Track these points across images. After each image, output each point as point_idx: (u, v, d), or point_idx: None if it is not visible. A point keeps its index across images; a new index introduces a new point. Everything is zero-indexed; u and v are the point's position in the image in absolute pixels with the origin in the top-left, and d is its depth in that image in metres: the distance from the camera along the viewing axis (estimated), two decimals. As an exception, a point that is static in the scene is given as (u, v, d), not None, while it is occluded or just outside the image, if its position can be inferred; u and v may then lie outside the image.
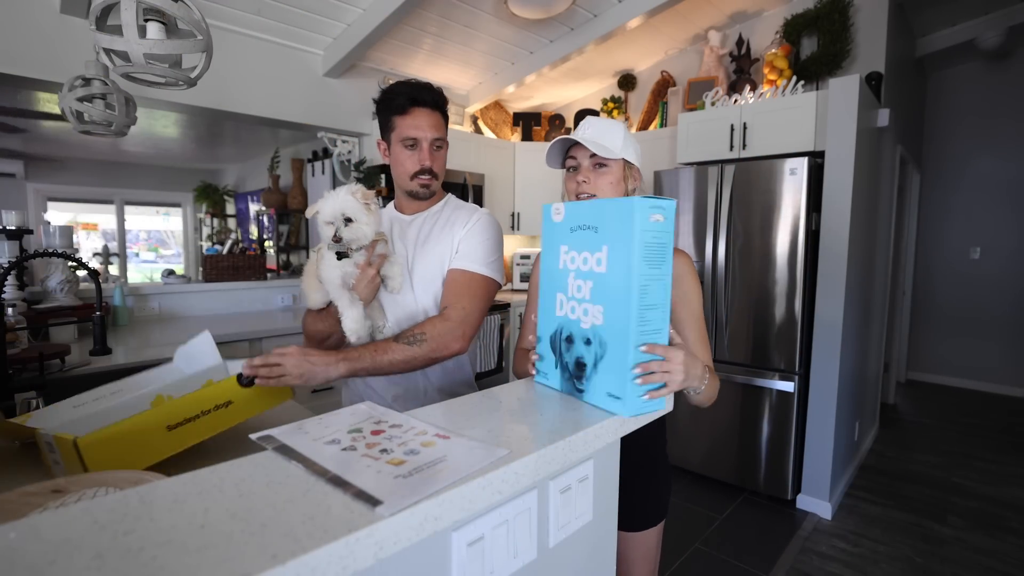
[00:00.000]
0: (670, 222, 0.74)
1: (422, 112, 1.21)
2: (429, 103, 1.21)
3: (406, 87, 1.20)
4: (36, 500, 0.63)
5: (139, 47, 1.20)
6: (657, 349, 0.74)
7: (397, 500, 0.45)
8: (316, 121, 3.13)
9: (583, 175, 1.07)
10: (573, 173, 1.10)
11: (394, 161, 1.26)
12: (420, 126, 1.20)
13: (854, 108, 2.40)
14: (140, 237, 7.40)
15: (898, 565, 2.15)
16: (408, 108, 1.20)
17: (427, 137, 1.21)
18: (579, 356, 0.79)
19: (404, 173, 1.24)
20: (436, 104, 1.23)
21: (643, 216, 0.70)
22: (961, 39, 3.85)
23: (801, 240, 2.48)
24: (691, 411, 2.91)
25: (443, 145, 1.26)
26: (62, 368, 1.67)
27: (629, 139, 1.09)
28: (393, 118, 1.22)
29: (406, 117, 1.20)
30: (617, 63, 3.88)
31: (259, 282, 3.12)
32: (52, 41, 2.26)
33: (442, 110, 1.25)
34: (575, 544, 0.72)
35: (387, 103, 1.22)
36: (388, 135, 1.25)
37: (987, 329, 4.47)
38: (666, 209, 0.73)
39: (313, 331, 1.27)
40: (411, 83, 1.21)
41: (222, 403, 0.93)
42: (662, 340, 0.76)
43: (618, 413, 0.73)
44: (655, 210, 0.71)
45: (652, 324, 0.74)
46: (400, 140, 1.21)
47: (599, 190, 1.07)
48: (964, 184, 4.55)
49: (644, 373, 0.73)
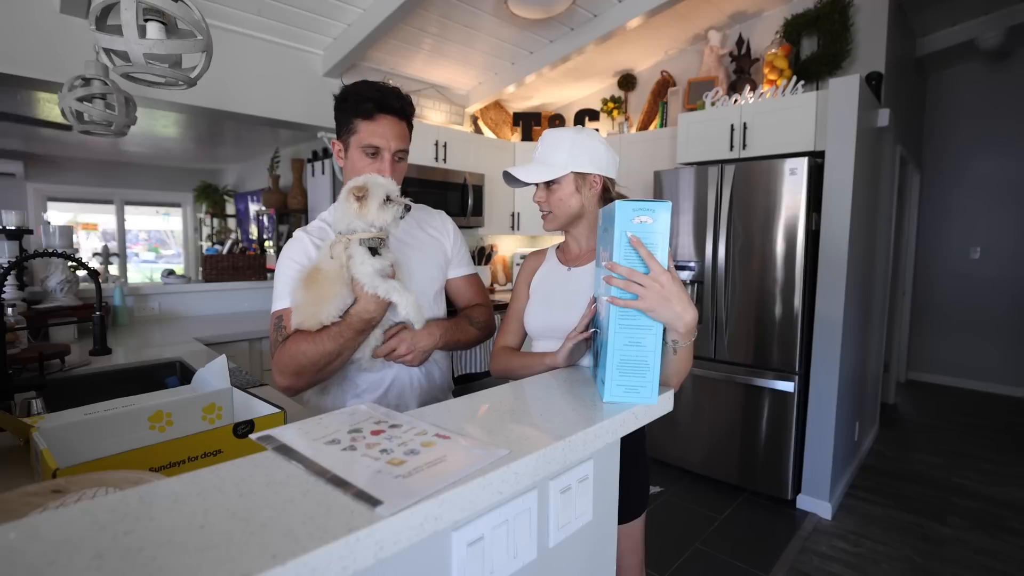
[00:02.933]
0: (661, 223, 0.77)
1: (388, 120, 1.14)
2: (397, 111, 1.15)
3: (374, 90, 1.13)
4: (36, 500, 0.63)
5: (139, 47, 1.20)
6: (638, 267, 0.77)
7: (397, 500, 0.45)
8: (316, 121, 3.13)
9: (539, 194, 1.15)
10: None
11: (350, 166, 1.17)
12: (385, 134, 1.13)
13: (854, 108, 2.40)
14: (140, 237, 7.40)
15: (898, 565, 2.15)
16: (374, 114, 1.12)
17: (391, 147, 1.14)
18: (597, 346, 0.90)
19: None
20: (404, 113, 1.16)
21: (626, 218, 0.77)
22: (961, 39, 3.85)
23: (801, 240, 2.48)
24: (691, 411, 2.91)
25: (405, 157, 1.19)
26: (62, 368, 1.66)
27: (581, 146, 1.10)
28: (356, 120, 1.14)
29: (370, 123, 1.13)
30: (617, 63, 3.88)
31: (259, 282, 3.12)
32: (52, 41, 2.26)
33: (408, 120, 1.19)
34: (575, 544, 0.72)
35: (352, 104, 1.14)
36: (347, 137, 1.16)
37: (987, 329, 4.47)
38: (655, 211, 0.76)
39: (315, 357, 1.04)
40: (379, 86, 1.15)
41: (211, 451, 0.90)
42: (647, 334, 0.79)
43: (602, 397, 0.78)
44: (640, 212, 0.77)
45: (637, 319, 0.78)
46: (360, 146, 1.14)
47: (552, 206, 1.14)
48: (964, 184, 4.55)
49: (620, 277, 0.77)
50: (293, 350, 1.05)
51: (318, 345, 1.03)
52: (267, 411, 1.01)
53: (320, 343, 1.03)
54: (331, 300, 1.03)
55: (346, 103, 1.15)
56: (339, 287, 1.03)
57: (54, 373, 1.62)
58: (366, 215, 1.01)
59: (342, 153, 1.19)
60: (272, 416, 0.98)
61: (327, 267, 1.04)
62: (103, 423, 0.95)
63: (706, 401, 2.85)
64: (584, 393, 0.83)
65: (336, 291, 1.03)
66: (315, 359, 1.04)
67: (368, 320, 1.05)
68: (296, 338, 1.05)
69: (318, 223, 1.24)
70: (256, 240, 5.74)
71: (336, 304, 1.03)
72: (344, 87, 1.17)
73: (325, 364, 1.06)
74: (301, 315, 1.06)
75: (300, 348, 1.04)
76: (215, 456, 0.90)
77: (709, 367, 2.81)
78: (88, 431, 0.94)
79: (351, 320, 1.04)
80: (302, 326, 1.05)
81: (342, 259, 1.03)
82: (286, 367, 1.07)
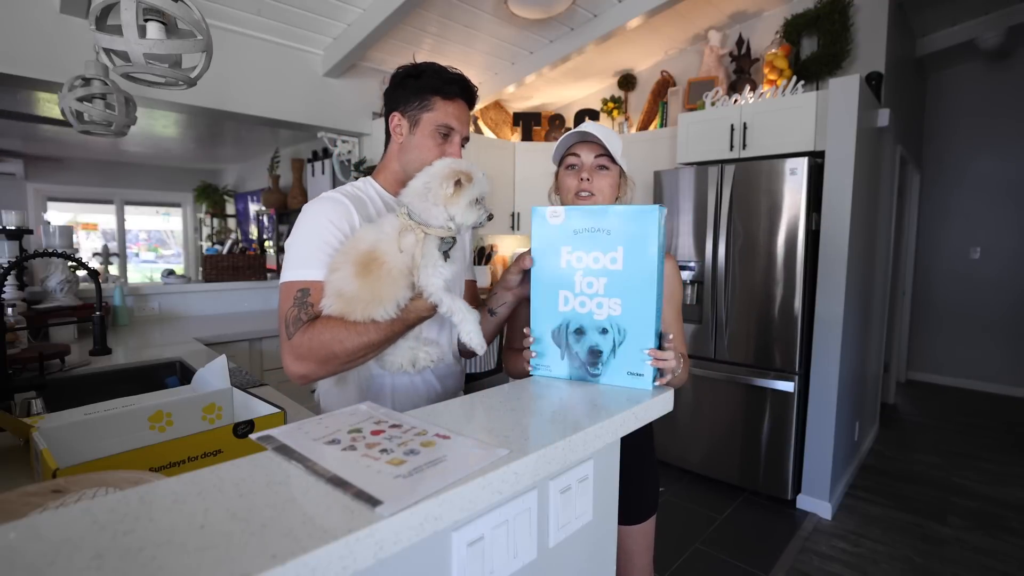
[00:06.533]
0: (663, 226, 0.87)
1: (463, 106, 1.10)
2: (469, 101, 1.12)
3: (456, 74, 1.08)
4: (36, 500, 0.63)
5: (139, 47, 1.20)
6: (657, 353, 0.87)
7: (397, 500, 0.45)
8: (316, 121, 3.13)
9: (586, 172, 1.10)
10: (574, 171, 1.12)
11: (413, 143, 1.08)
12: (461, 118, 1.09)
13: (854, 108, 2.40)
14: (140, 237, 7.40)
15: (898, 565, 2.15)
16: (456, 96, 1.08)
17: (462, 132, 1.10)
18: (593, 345, 0.87)
19: (421, 161, 1.04)
20: (472, 104, 1.14)
21: (662, 221, 0.84)
22: (961, 39, 3.85)
23: (801, 240, 2.48)
24: (691, 411, 2.91)
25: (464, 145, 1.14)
26: (62, 368, 1.66)
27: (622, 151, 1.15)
28: (434, 98, 1.06)
29: (450, 103, 1.07)
30: (617, 63, 3.88)
31: (259, 282, 3.12)
32: (52, 41, 2.26)
33: None
34: (575, 544, 0.72)
35: (430, 80, 1.06)
36: (417, 113, 1.07)
37: (987, 329, 4.47)
38: (665, 215, 0.87)
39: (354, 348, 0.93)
40: (458, 72, 1.10)
41: (211, 451, 0.90)
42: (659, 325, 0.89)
43: (640, 387, 0.85)
44: (663, 216, 0.85)
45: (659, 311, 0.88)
46: (436, 124, 1.06)
47: (600, 191, 1.10)
48: (964, 184, 4.55)
49: (655, 359, 0.86)
50: (327, 337, 0.92)
51: (361, 336, 0.92)
52: (267, 411, 1.01)
53: (364, 334, 0.92)
54: (390, 301, 0.91)
55: (423, 79, 1.07)
56: (402, 287, 0.92)
57: (54, 373, 1.62)
58: (452, 206, 0.91)
59: (401, 128, 1.09)
60: (272, 416, 0.98)
61: (393, 261, 0.90)
62: (103, 423, 0.95)
63: (706, 401, 2.85)
64: (584, 393, 0.83)
65: (398, 292, 0.92)
66: (353, 350, 0.93)
67: (422, 319, 0.98)
68: (330, 323, 0.92)
69: (351, 190, 1.09)
70: (256, 240, 5.74)
71: (394, 305, 0.92)
72: (411, 64, 1.10)
73: (361, 356, 0.95)
74: (349, 306, 0.91)
75: (337, 336, 0.91)
76: (215, 456, 0.90)
77: (709, 367, 2.81)
78: (88, 431, 0.94)
79: (407, 316, 0.94)
80: (346, 317, 0.92)
81: (415, 256, 0.90)
82: (312, 353, 0.93)
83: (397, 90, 1.09)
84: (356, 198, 1.05)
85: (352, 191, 1.08)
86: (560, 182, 1.16)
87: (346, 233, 0.99)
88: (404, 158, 1.10)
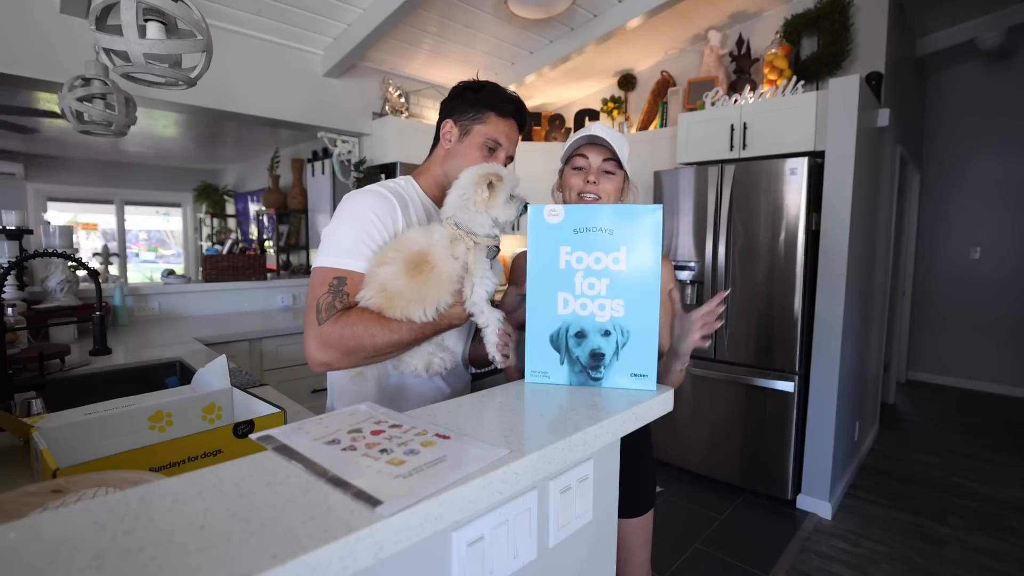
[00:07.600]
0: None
1: (514, 127, 1.15)
2: (521, 124, 1.17)
3: (514, 95, 1.15)
4: (36, 500, 0.63)
5: (139, 47, 1.20)
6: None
7: (397, 500, 0.45)
8: (316, 121, 3.13)
9: (593, 175, 1.13)
10: (580, 172, 1.15)
11: (459, 151, 1.12)
12: (511, 137, 1.15)
13: (854, 108, 2.40)
14: (140, 237, 7.40)
15: (898, 565, 2.15)
16: (509, 116, 1.14)
17: (508, 150, 1.15)
18: (595, 348, 0.85)
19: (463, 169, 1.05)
20: (521, 129, 1.19)
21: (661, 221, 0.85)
22: (961, 39, 3.85)
23: (801, 240, 2.48)
24: (691, 411, 2.91)
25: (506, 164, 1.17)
26: (62, 368, 1.66)
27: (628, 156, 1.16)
28: (490, 113, 1.12)
29: (503, 121, 1.13)
30: (617, 63, 3.88)
31: (259, 282, 3.13)
32: (52, 41, 2.26)
33: None
34: (575, 544, 0.72)
35: (491, 96, 1.12)
36: (471, 124, 1.12)
37: (987, 329, 4.47)
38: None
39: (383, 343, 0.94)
40: (516, 95, 1.16)
41: (211, 451, 0.90)
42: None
43: (645, 388, 0.84)
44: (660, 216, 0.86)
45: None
46: (486, 136, 1.11)
47: (605, 193, 1.13)
48: (964, 184, 4.55)
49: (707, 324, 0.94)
50: (358, 330, 0.92)
51: (393, 333, 0.93)
52: (267, 411, 1.01)
53: (396, 332, 0.93)
54: (431, 303, 0.93)
55: (482, 93, 1.12)
56: (447, 292, 0.94)
57: (54, 373, 1.62)
58: (492, 207, 0.94)
59: (451, 135, 1.13)
60: (272, 416, 0.98)
61: (444, 266, 0.93)
62: (103, 423, 0.95)
63: (706, 401, 2.85)
64: (584, 393, 0.83)
65: (442, 296, 0.94)
66: (382, 346, 0.94)
67: (452, 327, 1.01)
68: (364, 316, 0.93)
69: (394, 186, 1.09)
70: (256, 240, 5.75)
71: (434, 308, 0.94)
72: (473, 80, 1.17)
73: (386, 354, 0.97)
74: (389, 302, 0.93)
75: (370, 330, 0.92)
76: (215, 456, 0.90)
77: (709, 367, 2.81)
78: (88, 431, 0.94)
79: (440, 322, 0.97)
80: (383, 312, 0.93)
81: (468, 263, 0.94)
82: (341, 343, 0.92)
83: (454, 100, 1.14)
84: (400, 196, 1.06)
85: (396, 188, 1.08)
86: (565, 180, 1.18)
87: (389, 229, 1.00)
88: (448, 164, 1.13)
